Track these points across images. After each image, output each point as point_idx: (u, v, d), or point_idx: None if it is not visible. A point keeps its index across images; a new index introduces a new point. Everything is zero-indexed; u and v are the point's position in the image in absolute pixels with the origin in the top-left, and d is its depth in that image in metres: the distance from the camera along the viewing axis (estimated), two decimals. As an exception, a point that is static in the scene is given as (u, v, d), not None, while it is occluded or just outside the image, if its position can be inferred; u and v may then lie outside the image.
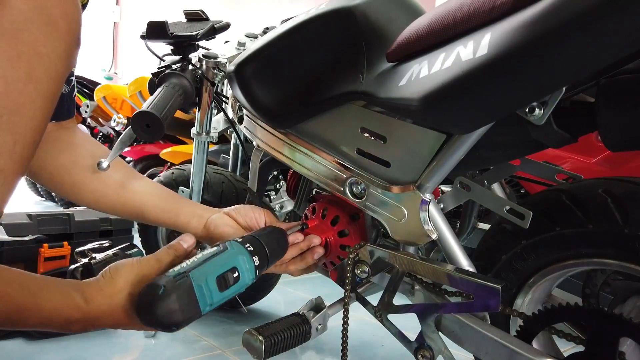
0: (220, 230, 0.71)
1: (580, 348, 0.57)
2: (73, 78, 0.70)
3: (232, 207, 0.74)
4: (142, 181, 0.76)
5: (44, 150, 0.69)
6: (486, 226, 0.98)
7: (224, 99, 1.38)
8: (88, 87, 3.78)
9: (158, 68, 1.15)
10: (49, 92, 0.44)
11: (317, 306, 0.73)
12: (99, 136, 3.96)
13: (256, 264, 0.56)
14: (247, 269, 0.54)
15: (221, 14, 3.27)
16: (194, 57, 1.22)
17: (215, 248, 0.54)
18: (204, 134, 1.30)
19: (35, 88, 0.42)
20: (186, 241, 0.59)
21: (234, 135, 1.77)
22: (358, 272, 0.68)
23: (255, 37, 1.28)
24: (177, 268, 0.50)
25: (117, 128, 3.16)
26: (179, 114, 2.36)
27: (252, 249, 0.56)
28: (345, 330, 0.69)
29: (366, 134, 0.70)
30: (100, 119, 3.69)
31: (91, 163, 0.71)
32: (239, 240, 0.57)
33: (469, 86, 0.51)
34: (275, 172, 1.93)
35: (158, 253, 0.56)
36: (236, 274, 0.53)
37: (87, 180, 0.71)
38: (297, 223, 0.76)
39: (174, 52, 1.19)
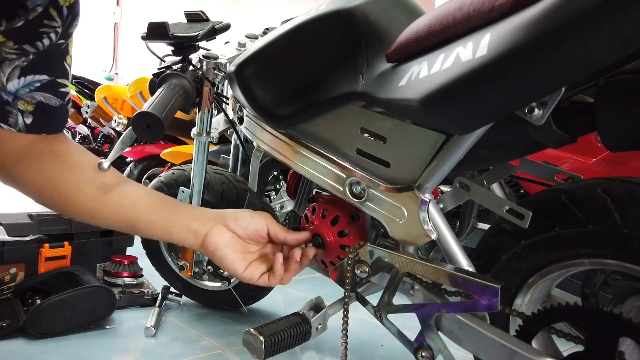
0: (221, 254, 0.66)
1: (580, 348, 0.57)
2: (67, 90, 0.65)
3: (231, 214, 0.69)
4: (135, 193, 0.69)
5: (32, 163, 0.62)
6: (486, 226, 0.98)
7: (224, 99, 1.38)
8: (89, 87, 3.78)
9: (159, 69, 1.16)
10: None
11: (317, 306, 0.73)
12: (99, 136, 3.96)
13: None
14: None
15: (221, 15, 3.27)
16: (194, 57, 1.22)
17: None
18: (204, 134, 1.31)
19: None
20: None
21: (234, 136, 1.77)
22: (358, 272, 0.68)
23: (256, 37, 1.29)
24: None
25: (117, 128, 3.16)
26: (179, 114, 2.36)
27: None
28: (345, 330, 0.69)
29: (366, 134, 0.70)
30: (101, 119, 3.70)
31: (81, 176, 0.65)
32: None
33: (469, 87, 0.51)
34: (275, 172, 1.93)
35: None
36: None
37: (78, 194, 0.65)
38: (303, 236, 0.73)
39: (174, 53, 1.19)
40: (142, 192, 0.69)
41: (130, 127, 0.87)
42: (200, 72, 1.21)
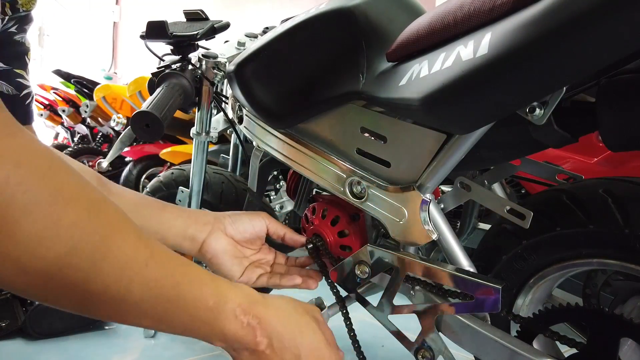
0: (219, 261, 0.65)
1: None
2: (25, 83, 0.64)
3: (229, 218, 0.66)
4: (123, 198, 0.65)
5: None
6: (486, 226, 0.98)
7: (223, 98, 1.38)
8: (87, 87, 3.78)
9: (158, 68, 1.15)
10: None
11: (317, 306, 0.73)
12: (98, 136, 3.96)
13: None
14: None
15: (221, 14, 3.27)
16: (193, 57, 1.21)
17: None
18: (203, 134, 1.30)
19: None
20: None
21: (233, 135, 1.77)
22: (358, 272, 0.68)
23: (255, 36, 1.28)
24: None
25: (116, 128, 3.16)
26: (178, 114, 2.36)
27: None
28: (351, 331, 0.69)
29: (366, 134, 0.70)
30: (99, 118, 3.69)
31: None
32: None
33: (470, 86, 0.51)
34: (275, 172, 1.92)
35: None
36: None
37: None
38: (301, 239, 0.72)
39: (173, 52, 1.19)
40: (131, 195, 0.66)
41: (129, 126, 0.87)
42: (199, 72, 1.21)
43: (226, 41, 1.32)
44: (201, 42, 1.20)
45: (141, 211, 0.63)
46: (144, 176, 2.96)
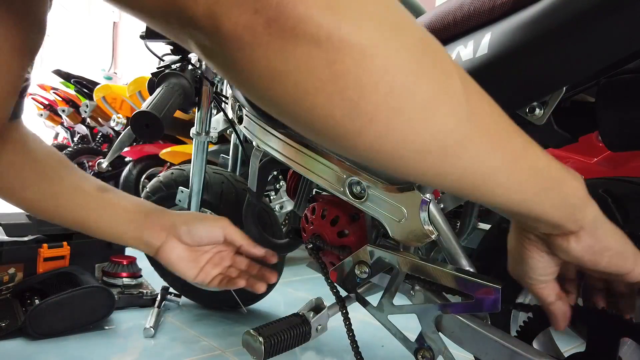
0: (173, 268, 0.66)
1: (581, 348, 0.57)
2: (28, 76, 0.63)
3: (185, 226, 0.65)
4: (86, 182, 0.65)
5: None
6: (486, 226, 0.98)
7: (223, 98, 1.38)
8: (87, 87, 3.78)
9: (157, 68, 1.15)
10: (2, 90, 0.40)
11: (317, 306, 0.73)
12: (98, 136, 3.96)
13: None
14: None
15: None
16: (193, 56, 1.22)
17: None
18: (203, 134, 1.30)
19: None
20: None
21: (233, 135, 1.77)
22: (358, 272, 0.68)
23: (255, 37, 1.28)
24: None
25: (116, 128, 3.16)
26: (178, 114, 2.36)
27: None
28: (350, 331, 0.69)
29: (366, 134, 0.70)
30: (99, 118, 3.70)
31: (29, 164, 0.62)
32: None
33: (469, 86, 0.51)
34: (275, 172, 1.93)
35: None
36: None
37: (24, 185, 0.62)
38: (259, 252, 0.71)
39: (173, 52, 1.19)
40: (94, 182, 0.66)
41: (129, 126, 0.87)
42: (199, 72, 1.21)
43: (226, 41, 1.32)
44: (201, 42, 1.20)
45: (100, 207, 0.64)
46: (143, 176, 2.96)
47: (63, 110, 3.95)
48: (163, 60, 1.20)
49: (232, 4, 0.25)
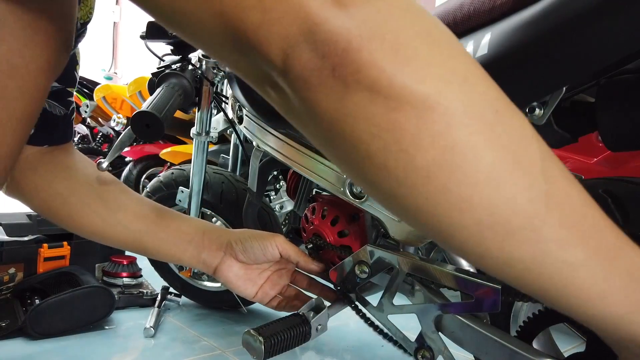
0: (232, 286, 0.67)
1: (581, 348, 0.57)
2: (72, 100, 0.64)
3: (240, 245, 0.65)
4: (143, 205, 0.66)
5: (38, 175, 0.60)
6: (486, 226, 0.98)
7: (223, 99, 1.38)
8: (88, 87, 3.78)
9: (158, 68, 1.15)
10: (25, 112, 0.38)
11: (317, 306, 0.73)
12: (98, 136, 3.96)
13: None
14: None
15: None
16: (193, 57, 1.22)
17: None
18: (203, 134, 1.30)
19: (5, 108, 0.37)
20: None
21: (233, 135, 1.77)
22: (358, 272, 0.68)
23: (255, 37, 1.28)
24: None
25: (116, 128, 3.16)
26: (178, 114, 2.36)
27: None
28: (367, 320, 0.69)
29: (366, 134, 0.70)
30: (100, 119, 3.70)
31: (89, 190, 0.63)
32: None
33: (469, 86, 0.51)
34: (275, 172, 1.92)
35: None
36: None
37: (85, 212, 0.62)
38: (317, 267, 0.71)
39: (173, 52, 1.19)
40: (151, 205, 0.67)
41: (130, 126, 0.87)
42: (199, 72, 1.21)
43: (226, 41, 1.32)
44: (201, 42, 1.20)
45: (158, 230, 0.65)
46: (144, 176, 2.96)
47: (63, 110, 3.95)
48: (163, 60, 1.20)
49: (302, 49, 0.26)
